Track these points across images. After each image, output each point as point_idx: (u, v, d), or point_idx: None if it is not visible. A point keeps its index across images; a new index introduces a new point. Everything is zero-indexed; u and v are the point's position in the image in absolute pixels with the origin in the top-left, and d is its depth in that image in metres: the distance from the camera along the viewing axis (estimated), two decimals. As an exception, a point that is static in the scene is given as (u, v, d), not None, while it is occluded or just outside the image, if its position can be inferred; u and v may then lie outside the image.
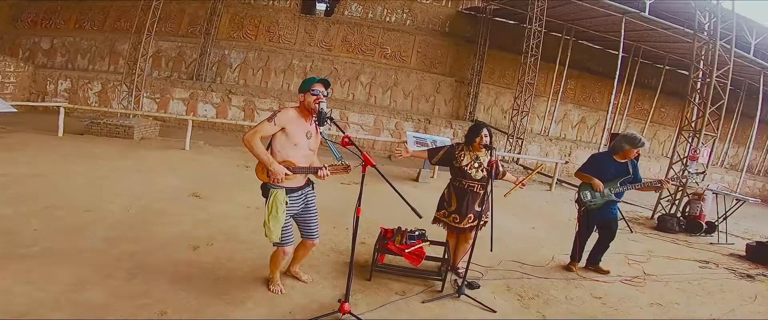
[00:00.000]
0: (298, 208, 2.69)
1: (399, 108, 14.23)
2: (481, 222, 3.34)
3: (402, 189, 2.50)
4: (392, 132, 12.88)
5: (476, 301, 2.99)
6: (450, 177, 3.40)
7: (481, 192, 3.29)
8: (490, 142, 3.30)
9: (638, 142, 3.75)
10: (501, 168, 3.40)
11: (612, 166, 3.85)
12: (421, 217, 2.29)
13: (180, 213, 4.35)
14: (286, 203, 2.58)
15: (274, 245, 2.65)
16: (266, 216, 2.56)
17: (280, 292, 2.78)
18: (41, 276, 2.66)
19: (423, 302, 2.91)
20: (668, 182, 3.77)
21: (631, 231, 6.10)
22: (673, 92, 15.70)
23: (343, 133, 2.59)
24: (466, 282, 3.12)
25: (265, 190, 2.60)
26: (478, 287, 3.29)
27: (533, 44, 10.62)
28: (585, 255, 4.11)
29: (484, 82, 14.64)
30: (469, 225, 3.29)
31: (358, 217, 2.42)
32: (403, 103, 14.49)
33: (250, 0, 13.21)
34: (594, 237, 4.07)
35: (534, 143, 13.56)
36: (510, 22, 13.66)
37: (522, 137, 11.34)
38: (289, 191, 2.60)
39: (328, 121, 2.55)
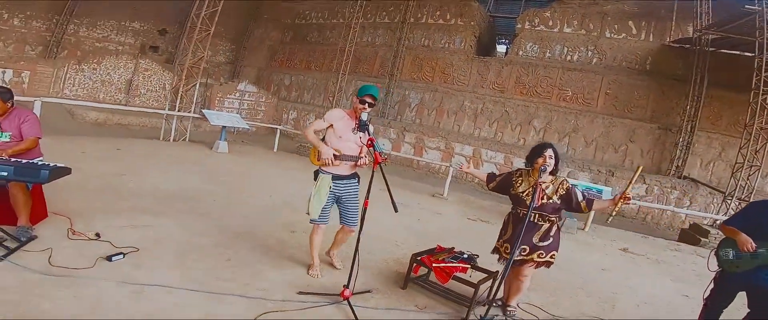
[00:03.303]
0: (340, 194, 3.12)
1: (578, 157, 12.71)
2: (541, 260, 2.92)
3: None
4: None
5: (493, 338, 2.61)
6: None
7: (542, 224, 2.91)
8: (556, 165, 2.91)
9: None
10: (579, 198, 2.90)
11: None
12: (396, 211, 2.41)
13: (303, 211, 5.37)
14: (330, 188, 3.04)
15: (311, 221, 3.14)
16: (311, 195, 3.08)
17: (317, 276, 3.19)
18: (187, 223, 3.94)
19: (432, 320, 2.77)
20: None
21: None
22: None
23: (371, 136, 2.91)
24: (487, 315, 2.76)
25: (316, 175, 3.14)
26: (515, 328, 2.85)
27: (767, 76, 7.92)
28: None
29: (704, 130, 11.51)
30: (521, 257, 2.92)
31: (365, 208, 2.67)
32: (583, 152, 12.87)
33: (428, 43, 14.73)
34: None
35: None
36: (745, 54, 10.46)
37: (746, 199, 8.35)
38: (335, 178, 3.07)
39: (367, 127, 3.01)
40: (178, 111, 9.04)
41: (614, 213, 2.86)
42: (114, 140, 8.07)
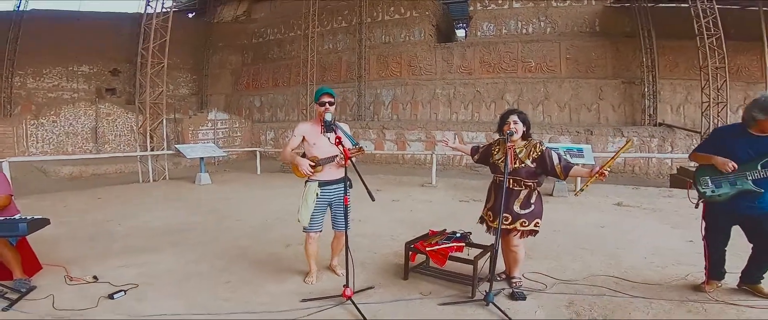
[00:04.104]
0: (330, 200, 3.15)
1: (555, 122, 13.06)
2: (526, 229, 2.99)
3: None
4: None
5: (501, 311, 2.63)
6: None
7: (519, 189, 3.00)
8: (527, 130, 3.02)
9: None
10: (555, 161, 2.92)
11: (744, 143, 2.67)
12: (374, 200, 2.53)
13: (295, 225, 5.39)
14: (317, 194, 3.08)
15: (303, 230, 3.17)
16: (300, 204, 3.12)
17: (311, 283, 3.21)
18: (182, 255, 3.93)
19: (439, 304, 2.81)
20: None
21: None
22: None
23: (338, 134, 2.91)
24: (491, 290, 2.82)
25: (305, 184, 3.18)
26: (523, 298, 2.88)
27: (708, 22, 8.34)
28: (728, 272, 2.96)
29: (665, 78, 12.03)
30: (504, 226, 3.01)
31: (346, 206, 2.75)
32: (559, 117, 13.24)
33: (389, 40, 14.87)
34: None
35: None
36: (681, 5, 10.98)
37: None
38: (322, 184, 3.10)
39: (333, 127, 2.97)
40: (152, 150, 8.91)
41: (586, 188, 2.93)
42: (93, 190, 7.91)
